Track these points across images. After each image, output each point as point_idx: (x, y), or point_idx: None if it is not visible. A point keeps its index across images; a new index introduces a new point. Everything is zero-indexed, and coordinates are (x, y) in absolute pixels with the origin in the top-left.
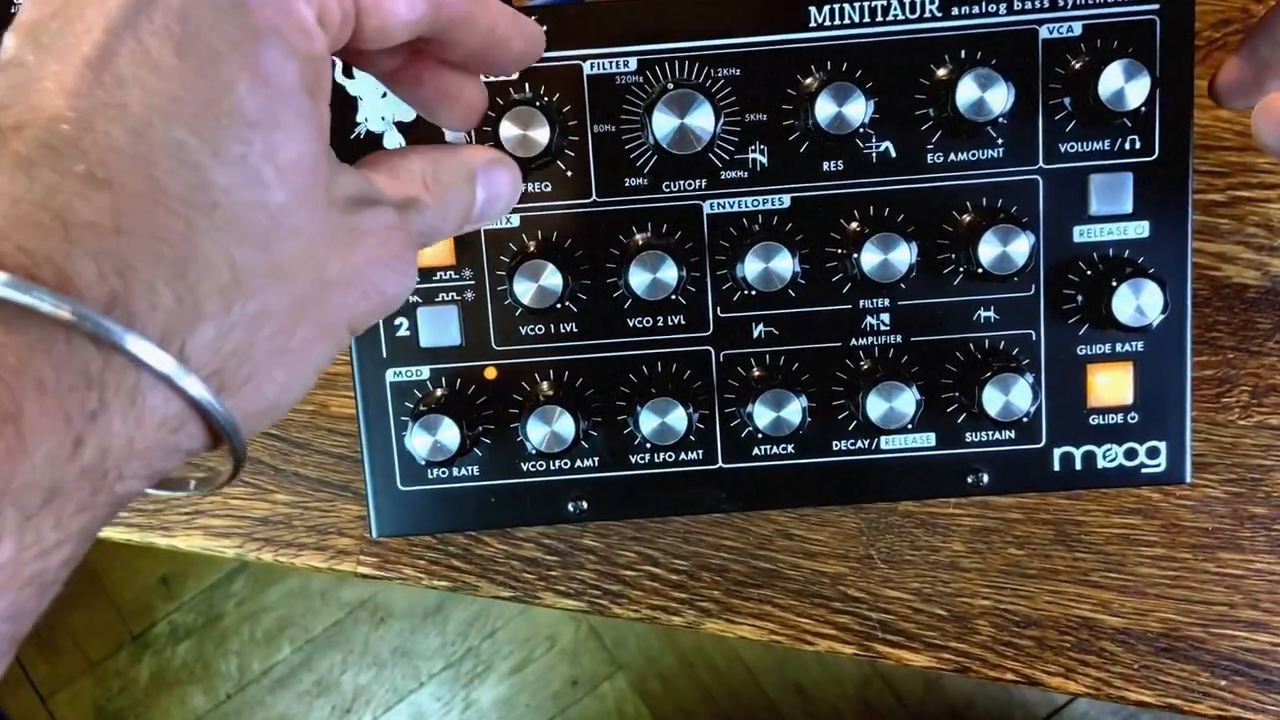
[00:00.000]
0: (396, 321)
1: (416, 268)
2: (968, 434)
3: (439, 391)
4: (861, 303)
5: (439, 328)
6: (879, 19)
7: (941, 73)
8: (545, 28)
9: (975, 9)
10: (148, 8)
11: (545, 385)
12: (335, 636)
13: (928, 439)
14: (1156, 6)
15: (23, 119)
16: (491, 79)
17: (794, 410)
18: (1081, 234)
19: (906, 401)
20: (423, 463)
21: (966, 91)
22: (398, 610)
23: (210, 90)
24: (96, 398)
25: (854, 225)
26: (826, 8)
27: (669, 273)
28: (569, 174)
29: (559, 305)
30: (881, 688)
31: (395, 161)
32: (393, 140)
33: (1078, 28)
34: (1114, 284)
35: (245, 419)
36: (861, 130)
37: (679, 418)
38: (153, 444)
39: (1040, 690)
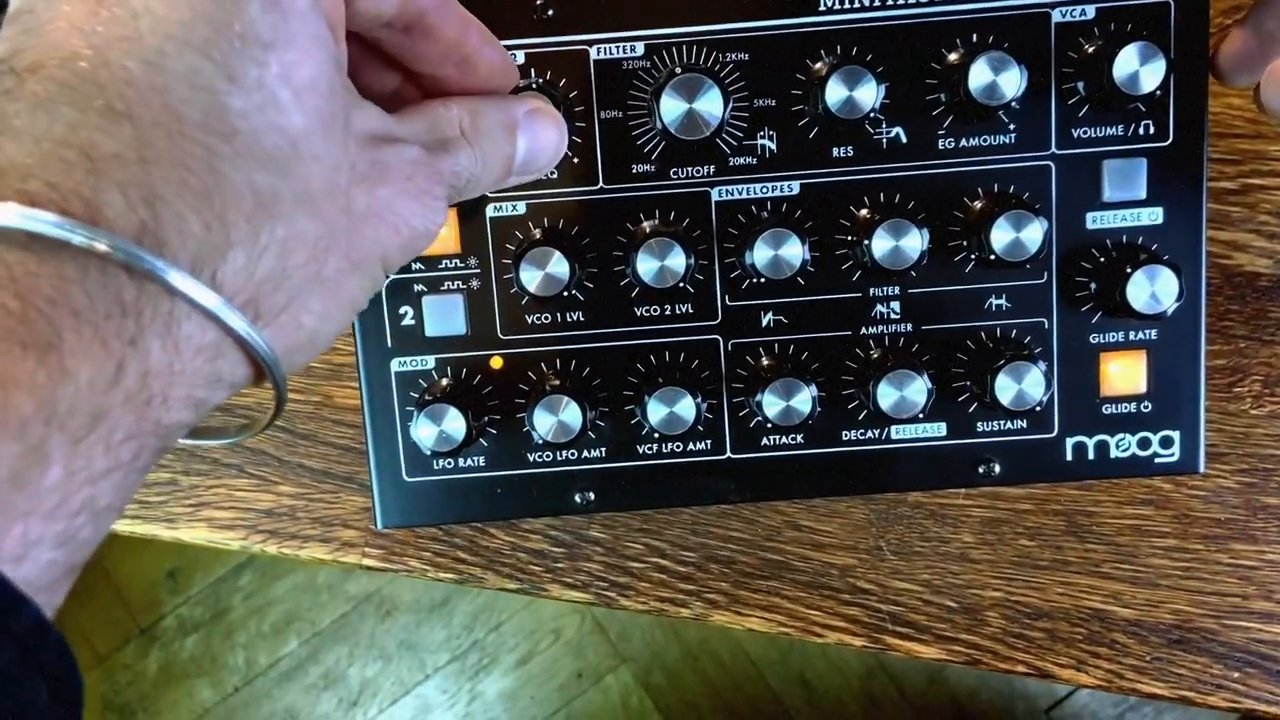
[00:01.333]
0: (401, 310)
1: (447, 208)
2: (979, 423)
3: (444, 381)
4: (871, 290)
5: (444, 317)
6: (890, 2)
7: (953, 57)
8: (551, 13)
9: None
10: None
11: (551, 374)
12: (342, 629)
13: (938, 429)
14: None
15: (39, 60)
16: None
17: (804, 399)
18: (1095, 220)
19: (918, 390)
20: (428, 453)
21: (979, 75)
22: (404, 604)
23: (221, 13)
24: (133, 324)
25: (864, 212)
26: None
27: (677, 260)
28: (575, 160)
29: (565, 293)
30: (885, 680)
31: (432, 106)
32: None
33: (1091, 11)
34: (1128, 271)
35: (285, 351)
36: (872, 115)
37: (687, 407)
38: (193, 371)
39: (1052, 682)
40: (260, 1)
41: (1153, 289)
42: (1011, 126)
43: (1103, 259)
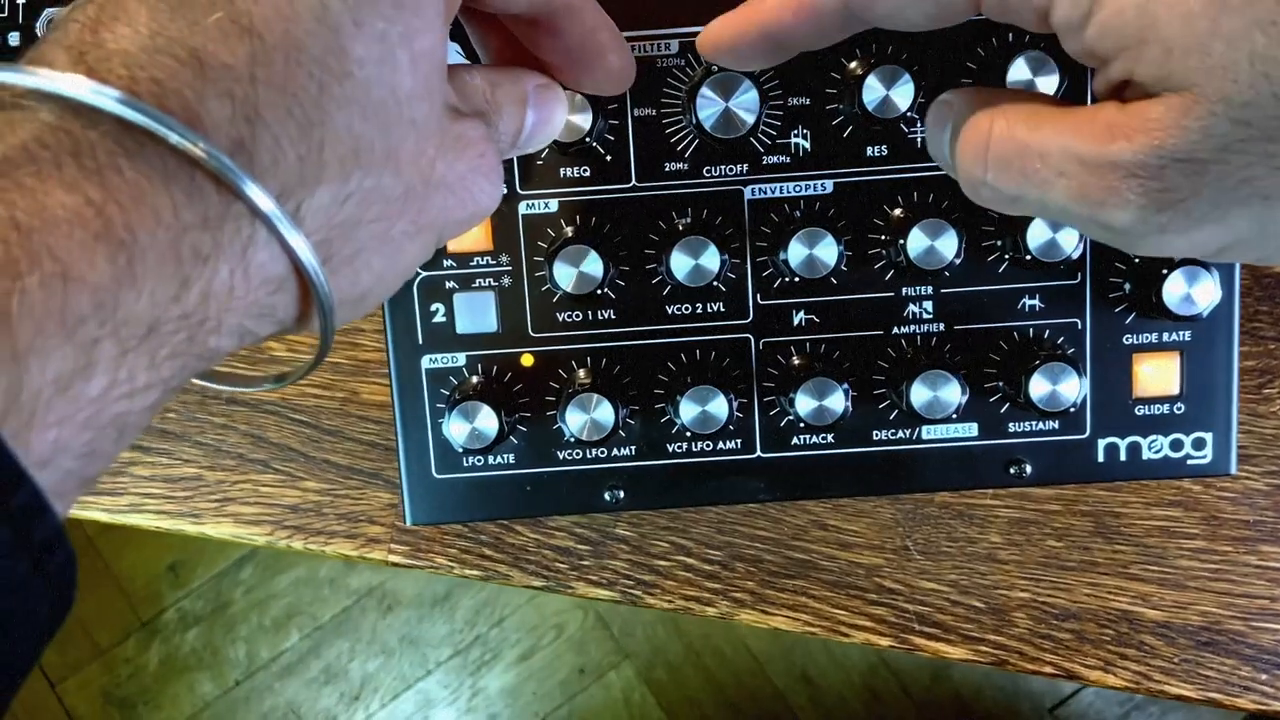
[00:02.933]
0: (433, 308)
1: (502, 182)
2: (1010, 424)
3: (475, 379)
4: (904, 290)
5: (476, 314)
6: None
7: (990, 55)
8: None
9: None
10: None
11: (583, 373)
12: (343, 624)
13: (970, 429)
14: None
15: None
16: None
17: (837, 399)
18: None
19: (952, 391)
20: (460, 450)
21: (1018, 74)
22: (406, 598)
23: None
24: (210, 241)
25: (898, 211)
26: None
27: (711, 258)
28: (608, 158)
29: (598, 291)
30: (887, 676)
31: (460, 74)
32: None
33: None
34: (1164, 271)
35: (340, 301)
36: (908, 115)
37: (720, 406)
38: (252, 301)
39: (1079, 683)
40: None
41: (1189, 290)
42: None
43: (1137, 259)
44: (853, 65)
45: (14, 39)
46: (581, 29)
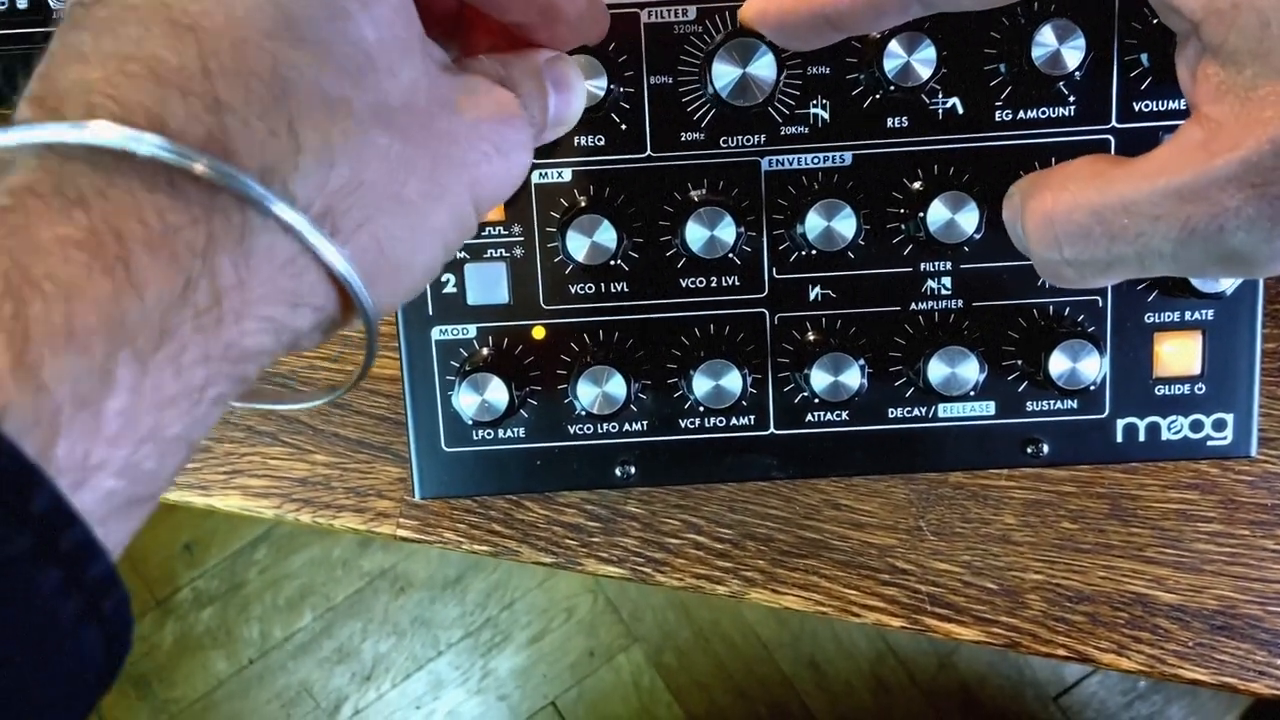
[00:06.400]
0: (444, 278)
1: (531, 146)
2: (1028, 403)
3: (485, 351)
4: (923, 265)
5: (487, 285)
6: None
7: (1015, 22)
8: None
9: None
10: None
11: (594, 346)
12: (356, 605)
13: (987, 407)
14: None
15: None
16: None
17: (853, 375)
18: None
19: (970, 368)
20: (469, 423)
21: (1043, 44)
22: (418, 580)
23: None
24: (203, 236)
25: (917, 184)
26: None
27: (727, 230)
28: (623, 127)
29: (611, 263)
30: (894, 664)
31: (468, 63)
32: None
33: None
34: None
35: (367, 275)
36: (928, 85)
37: (734, 380)
38: (269, 290)
39: (1093, 666)
40: None
41: None
42: (1071, 98)
43: None
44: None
45: (21, 1)
46: None
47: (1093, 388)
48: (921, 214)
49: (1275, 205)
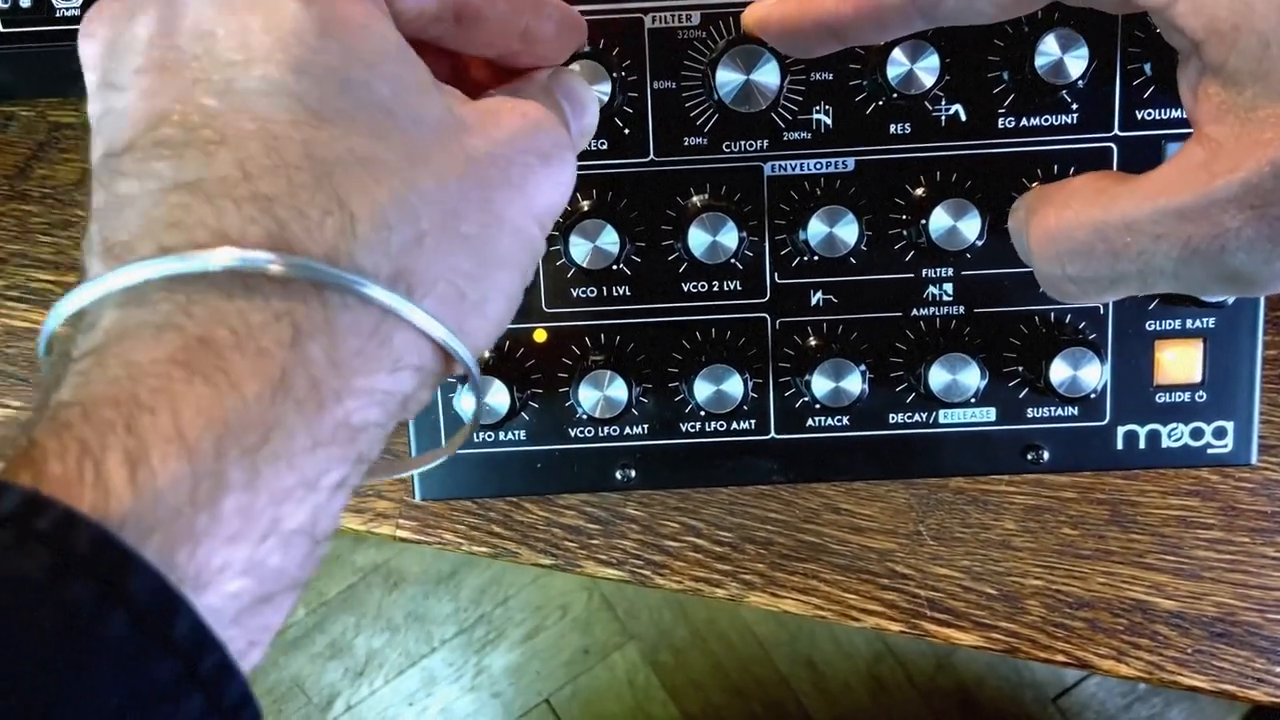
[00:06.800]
0: None
1: (570, 143)
2: (1029, 410)
3: (487, 353)
4: (925, 271)
5: None
6: None
7: (1019, 31)
8: None
9: None
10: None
11: (596, 350)
12: (349, 600)
13: (987, 414)
14: None
15: (132, 138)
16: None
17: (854, 380)
18: None
19: (971, 374)
20: None
21: (1047, 52)
22: (411, 576)
23: (269, 14)
24: (288, 327)
25: (920, 191)
26: None
27: (730, 235)
28: (626, 131)
29: (613, 267)
30: (892, 664)
31: (479, 99)
32: None
33: None
34: None
35: (458, 323)
36: (931, 92)
37: (735, 385)
38: (364, 362)
39: (1092, 672)
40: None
41: None
42: (1074, 107)
43: None
44: None
45: (24, 1)
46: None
47: (1093, 395)
48: (923, 220)
49: (1275, 226)
